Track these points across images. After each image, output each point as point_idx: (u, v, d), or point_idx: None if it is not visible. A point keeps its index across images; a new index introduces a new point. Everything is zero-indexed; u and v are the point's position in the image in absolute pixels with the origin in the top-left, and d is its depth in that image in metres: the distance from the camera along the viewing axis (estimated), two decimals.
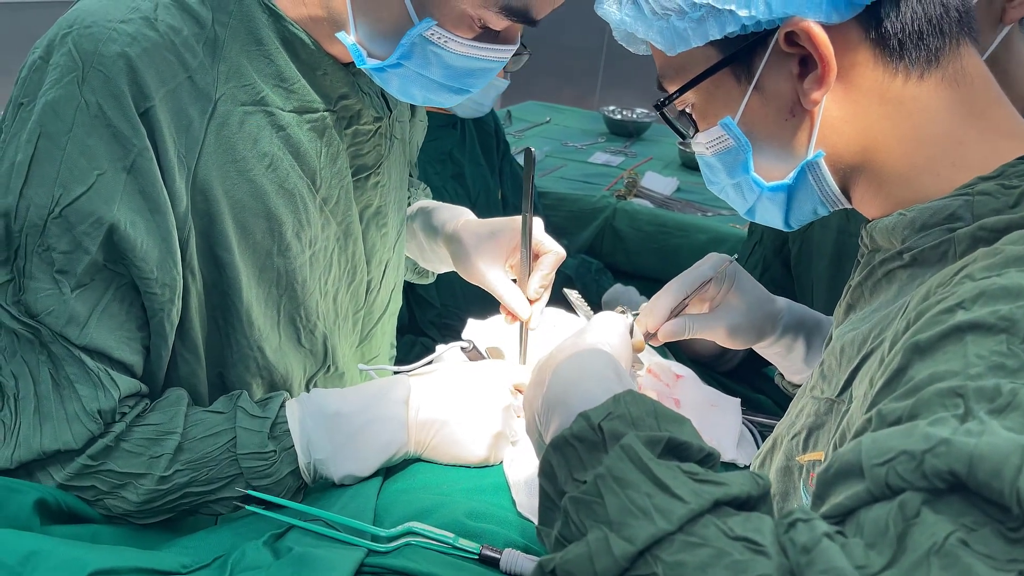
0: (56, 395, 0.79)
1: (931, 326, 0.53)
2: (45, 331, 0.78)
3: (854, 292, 0.74)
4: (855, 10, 0.64)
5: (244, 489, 0.83)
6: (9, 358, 0.79)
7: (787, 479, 0.72)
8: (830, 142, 0.68)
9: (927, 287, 0.60)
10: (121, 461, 0.81)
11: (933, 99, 0.66)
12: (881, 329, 0.65)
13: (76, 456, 0.79)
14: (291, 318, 0.94)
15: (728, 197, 0.79)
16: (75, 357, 0.78)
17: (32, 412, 0.79)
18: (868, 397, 0.57)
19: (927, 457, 0.44)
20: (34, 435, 0.78)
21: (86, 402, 0.79)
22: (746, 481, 0.51)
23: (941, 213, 0.63)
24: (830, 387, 0.69)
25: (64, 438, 0.78)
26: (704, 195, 2.50)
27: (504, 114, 3.07)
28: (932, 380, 0.49)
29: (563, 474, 0.56)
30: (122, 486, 0.81)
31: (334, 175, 0.94)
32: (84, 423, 0.79)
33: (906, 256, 0.67)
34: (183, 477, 0.82)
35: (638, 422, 0.56)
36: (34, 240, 0.76)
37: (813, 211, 0.74)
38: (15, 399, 0.79)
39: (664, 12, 0.70)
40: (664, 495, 0.49)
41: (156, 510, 0.83)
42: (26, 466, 0.79)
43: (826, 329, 0.99)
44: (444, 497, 0.82)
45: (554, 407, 0.65)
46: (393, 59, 0.84)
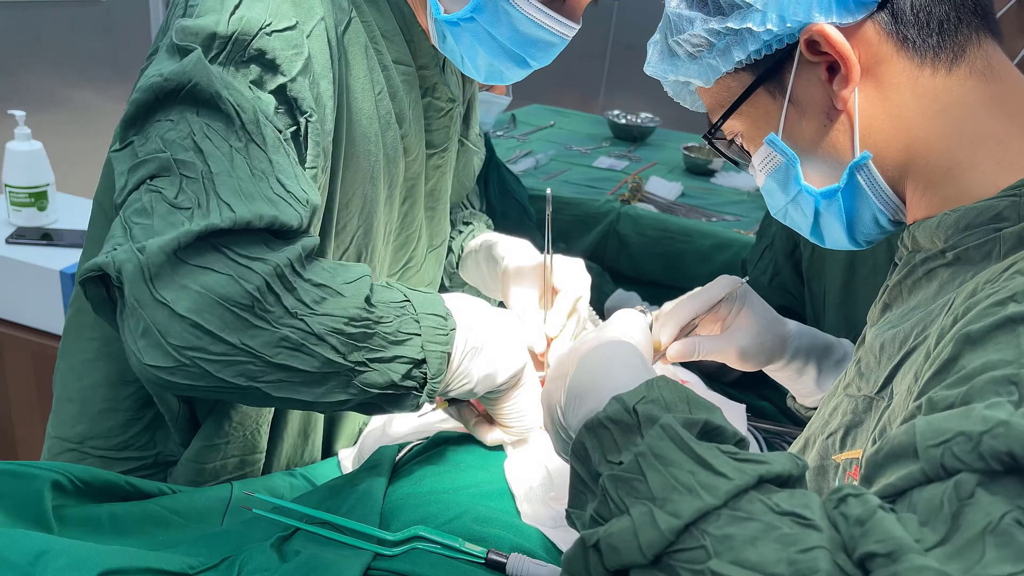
0: (255, 182, 0.73)
1: (982, 318, 0.53)
2: (250, 113, 0.74)
3: (892, 291, 0.75)
4: (867, 8, 0.66)
5: (419, 352, 0.79)
6: (198, 139, 0.73)
7: (821, 478, 0.73)
8: (872, 142, 0.69)
9: (974, 283, 0.60)
10: (319, 275, 0.75)
11: (965, 92, 0.67)
12: (924, 326, 0.65)
13: (289, 237, 0.73)
14: (358, 253, 0.95)
15: (791, 219, 0.80)
16: (282, 146, 0.76)
17: (234, 189, 0.72)
18: (912, 391, 0.58)
19: (985, 438, 0.44)
20: (242, 203, 0.71)
21: (294, 190, 0.74)
22: (786, 460, 0.52)
23: (987, 213, 0.64)
24: (868, 384, 0.69)
25: (278, 213, 0.72)
26: (708, 200, 2.50)
27: (508, 118, 3.07)
28: (985, 368, 0.50)
29: (597, 456, 0.57)
30: (324, 300, 0.75)
31: (416, 129, 0.99)
32: (294, 206, 0.74)
33: (949, 255, 0.67)
34: (378, 311, 0.77)
35: (672, 406, 0.56)
36: (239, 48, 0.75)
37: (874, 220, 0.74)
38: (203, 176, 0.72)
39: (696, 50, 0.74)
40: (707, 472, 0.50)
41: (352, 344, 0.76)
42: (234, 236, 0.71)
43: (837, 352, 1.00)
44: (450, 502, 0.82)
45: (584, 393, 0.66)
46: (467, 11, 0.89)
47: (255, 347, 0.71)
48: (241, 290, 0.70)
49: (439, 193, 1.10)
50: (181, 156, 0.72)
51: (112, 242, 0.72)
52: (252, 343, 0.71)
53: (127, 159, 0.75)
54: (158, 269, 0.68)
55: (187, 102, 0.74)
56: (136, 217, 0.71)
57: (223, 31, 0.75)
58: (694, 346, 0.96)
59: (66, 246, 1.81)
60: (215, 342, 0.70)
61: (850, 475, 0.67)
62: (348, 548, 0.76)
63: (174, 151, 0.72)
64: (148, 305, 0.68)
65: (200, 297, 0.69)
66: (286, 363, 0.73)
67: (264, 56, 0.76)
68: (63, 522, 0.75)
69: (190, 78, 0.73)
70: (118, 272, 0.69)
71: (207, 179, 0.71)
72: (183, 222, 0.70)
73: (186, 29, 0.75)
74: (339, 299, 0.75)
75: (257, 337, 0.71)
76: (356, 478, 0.88)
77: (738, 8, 0.70)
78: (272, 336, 0.72)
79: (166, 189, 0.71)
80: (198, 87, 0.73)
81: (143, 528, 0.81)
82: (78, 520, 0.76)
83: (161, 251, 0.68)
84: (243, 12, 0.76)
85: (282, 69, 0.77)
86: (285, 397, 0.76)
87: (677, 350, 0.96)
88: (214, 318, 0.69)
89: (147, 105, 0.74)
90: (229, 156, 0.73)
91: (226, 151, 0.73)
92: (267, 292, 0.71)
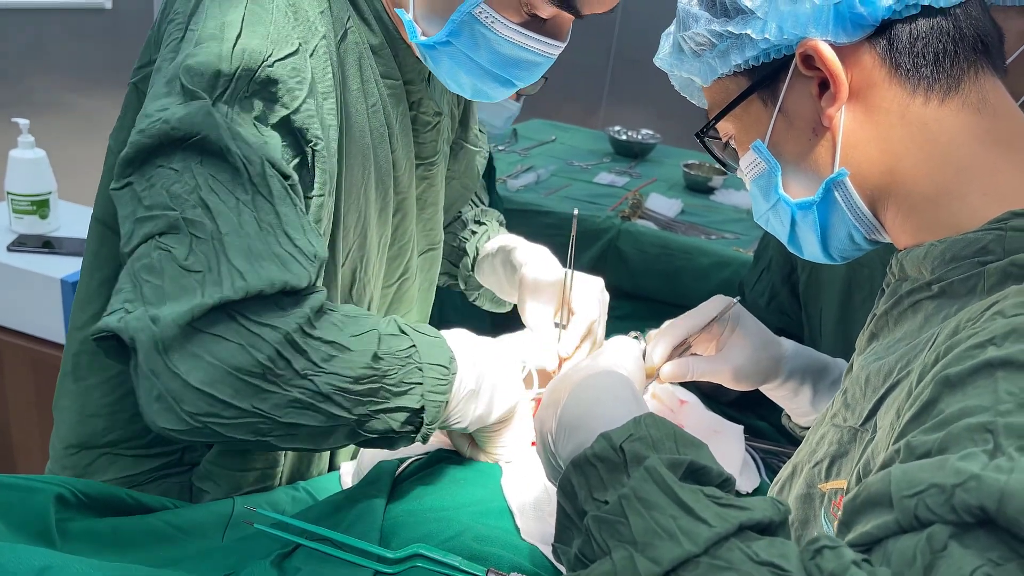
0: (263, 239, 0.73)
1: (962, 360, 0.54)
2: (257, 166, 0.73)
3: (878, 321, 0.75)
4: (864, 31, 0.67)
5: (419, 401, 0.80)
6: (204, 194, 0.72)
7: (807, 506, 0.73)
8: (854, 161, 0.70)
9: (956, 321, 0.60)
10: (329, 332, 0.76)
11: (956, 124, 0.67)
12: (908, 361, 0.65)
13: (299, 299, 0.74)
14: (353, 267, 0.95)
15: (770, 225, 0.81)
16: (288, 196, 0.75)
17: (243, 251, 0.72)
18: (895, 428, 0.58)
19: (957, 491, 0.45)
20: (254, 270, 0.71)
21: (302, 244, 0.74)
22: (768, 507, 0.52)
23: (973, 246, 0.64)
24: (854, 416, 0.70)
25: (286, 275, 0.72)
26: (708, 218, 2.51)
27: (510, 132, 3.08)
28: (962, 415, 0.50)
29: (583, 493, 0.57)
30: (332, 358, 0.75)
31: (404, 143, 0.99)
32: (302, 264, 0.74)
33: (935, 287, 0.68)
34: (384, 365, 0.78)
35: (659, 444, 0.57)
36: (243, 84, 0.74)
37: (849, 236, 0.75)
38: (213, 237, 0.72)
39: (699, 48, 0.75)
40: (689, 518, 0.50)
41: (357, 399, 0.76)
42: (245, 304, 0.71)
43: (833, 372, 1.00)
44: (450, 520, 0.83)
45: (573, 427, 0.66)
46: (443, 35, 0.87)
47: (265, 409, 0.73)
48: (252, 360, 0.71)
49: (429, 202, 1.10)
50: (189, 214, 0.72)
51: (122, 297, 0.72)
52: (263, 406, 0.73)
53: (129, 203, 0.74)
54: (171, 341, 0.69)
55: (192, 150, 0.73)
56: (146, 274, 0.72)
57: (227, 68, 0.73)
58: (687, 366, 0.97)
59: (67, 254, 1.82)
60: (227, 408, 0.71)
61: (835, 504, 0.68)
62: (348, 566, 0.76)
63: (182, 208, 0.72)
64: (162, 374, 0.70)
65: (213, 369, 0.70)
66: (294, 421, 0.75)
67: (268, 89, 0.75)
68: (66, 536, 0.75)
69: (199, 131, 0.72)
70: (131, 340, 0.70)
71: (216, 240, 0.72)
72: (195, 287, 0.70)
73: (192, 70, 0.73)
74: (347, 355, 0.76)
75: (268, 400, 0.73)
76: (356, 494, 0.88)
77: (741, 13, 0.71)
78: (282, 399, 0.73)
79: (176, 248, 0.72)
80: (207, 140, 0.72)
81: (144, 542, 0.81)
82: (80, 534, 0.77)
83: (175, 324, 0.69)
84: (245, 43, 0.74)
85: (284, 101, 0.76)
86: (292, 447, 0.79)
87: (670, 370, 0.97)
88: (226, 387, 0.71)
89: (149, 149, 0.74)
90: (236, 210, 0.73)
91: (233, 205, 0.73)
92: (278, 358, 0.72)
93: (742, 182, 0.83)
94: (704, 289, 1.63)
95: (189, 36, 0.76)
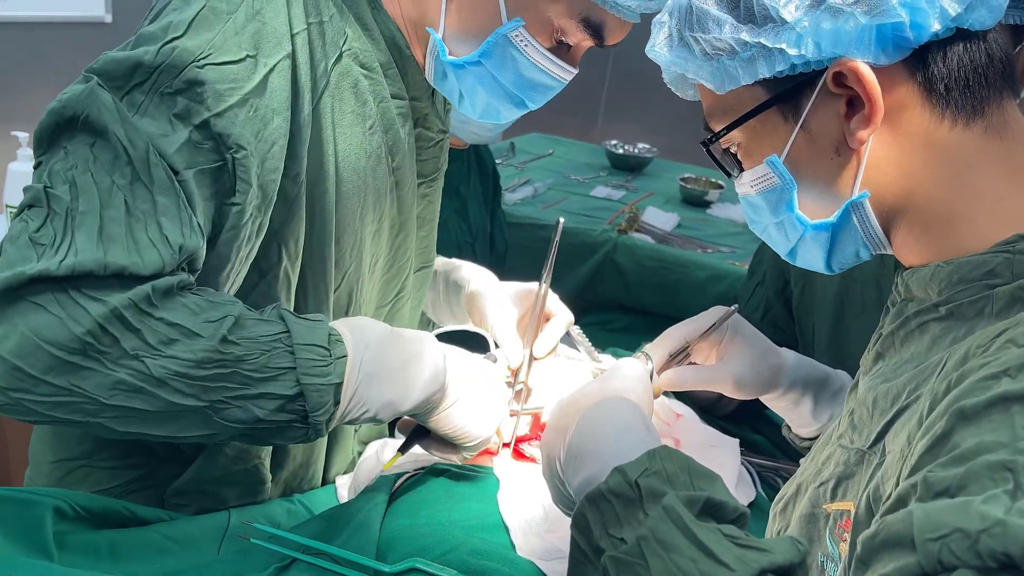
0: (127, 222, 0.72)
1: (976, 392, 0.54)
2: (141, 152, 0.73)
3: (884, 341, 0.75)
4: (903, 53, 0.66)
5: (293, 387, 0.76)
6: (77, 173, 0.73)
7: (812, 526, 0.73)
8: (874, 183, 0.69)
9: (966, 347, 0.60)
10: (176, 314, 0.73)
11: (977, 148, 0.67)
12: (917, 384, 0.65)
13: (138, 284, 0.72)
14: (349, 289, 0.96)
15: (769, 237, 0.80)
16: (172, 187, 0.74)
17: (94, 230, 0.71)
18: (907, 456, 0.58)
19: (983, 537, 0.46)
20: (95, 248, 0.70)
21: (169, 233, 0.74)
22: (787, 548, 0.52)
23: (981, 268, 0.64)
24: (861, 438, 0.70)
25: (132, 259, 0.71)
26: (704, 232, 2.52)
27: (508, 146, 3.09)
28: (979, 451, 0.50)
29: (598, 529, 0.57)
30: (173, 342, 0.72)
31: (407, 163, 1.00)
32: (160, 251, 0.73)
33: (942, 309, 0.67)
34: (239, 349, 0.75)
35: (673, 479, 0.57)
36: (167, 79, 0.75)
37: (855, 253, 0.74)
38: (68, 214, 0.71)
39: (715, 52, 0.71)
40: (710, 561, 0.51)
41: (202, 385, 0.73)
42: (77, 279, 0.70)
43: (834, 384, 1.00)
44: (446, 534, 0.83)
45: (584, 456, 0.66)
46: (475, 56, 0.91)
47: (87, 388, 0.70)
48: (69, 334, 0.69)
49: (427, 219, 1.11)
50: (55, 190, 0.72)
51: None
52: (84, 385, 0.70)
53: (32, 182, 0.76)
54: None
55: (85, 133, 0.74)
56: (6, 244, 0.72)
57: (149, 61, 0.75)
58: (685, 375, 0.97)
59: None
60: (39, 384, 0.69)
61: (840, 525, 0.68)
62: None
63: (53, 184, 0.73)
64: None
65: (24, 340, 0.68)
66: (124, 404, 0.72)
67: (193, 89, 0.75)
68: (63, 548, 0.75)
69: (83, 108, 0.73)
70: None
71: (70, 217, 0.71)
72: (32, 258, 0.70)
73: (112, 59, 0.75)
74: (192, 340, 0.73)
75: (89, 379, 0.70)
76: (352, 508, 0.89)
77: (772, 22, 0.67)
78: (106, 379, 0.70)
79: (32, 220, 0.72)
80: (89, 118, 0.73)
81: (141, 555, 0.81)
82: (77, 546, 0.77)
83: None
84: (180, 43, 0.76)
85: (208, 104, 0.76)
86: (135, 431, 0.74)
87: (668, 378, 0.97)
88: (37, 362, 0.68)
89: (50, 129, 0.75)
90: (108, 192, 0.72)
91: (107, 186, 0.72)
92: (101, 334, 0.70)
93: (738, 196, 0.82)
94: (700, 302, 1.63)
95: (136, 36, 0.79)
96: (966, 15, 0.65)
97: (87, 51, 0.81)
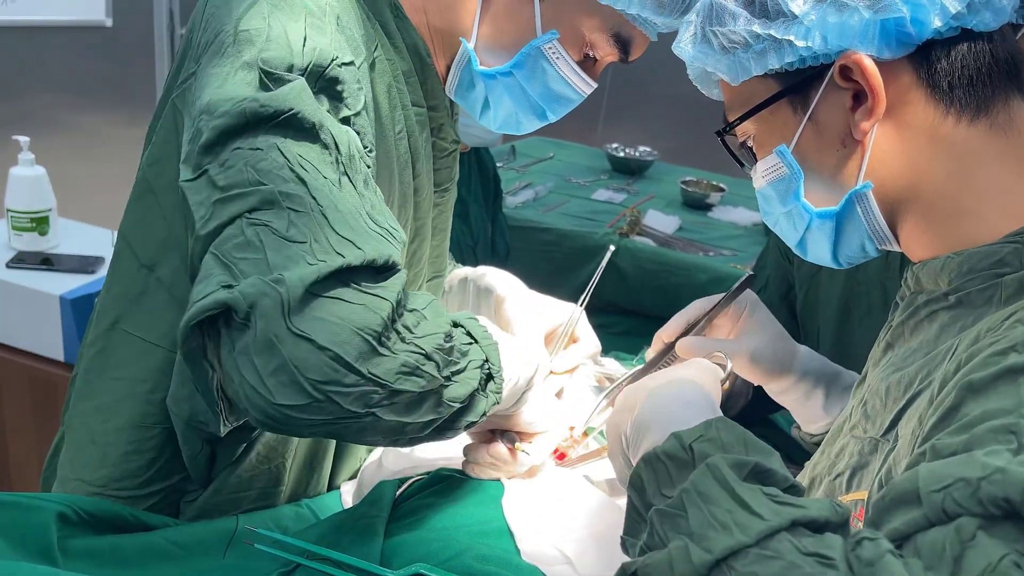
0: (354, 216, 0.72)
1: (984, 367, 0.56)
2: (345, 146, 0.74)
3: (894, 332, 0.77)
4: (906, 49, 0.68)
5: (481, 356, 0.80)
6: (300, 171, 0.71)
7: None
8: (879, 175, 0.71)
9: (976, 331, 0.62)
10: (407, 299, 0.75)
11: (983, 144, 0.68)
12: (928, 371, 0.67)
13: (395, 271, 0.73)
14: None
15: (780, 229, 0.82)
16: (370, 183, 0.76)
17: (344, 224, 0.71)
18: (917, 434, 0.60)
19: (983, 484, 0.48)
20: (363, 240, 0.71)
21: (388, 225, 0.75)
22: (825, 507, 0.54)
23: (990, 258, 0.66)
24: (874, 427, 0.71)
25: (391, 249, 0.72)
26: (705, 234, 2.52)
27: (508, 149, 3.10)
28: (985, 417, 0.52)
29: (652, 488, 0.60)
30: (419, 323, 0.74)
31: (425, 171, 1.01)
32: (391, 242, 0.74)
33: (951, 298, 0.69)
34: (451, 329, 0.78)
35: (728, 447, 0.59)
36: (313, 79, 0.74)
37: (861, 246, 0.76)
38: (312, 210, 0.70)
39: (732, 46, 0.75)
40: (744, 512, 0.52)
41: (447, 359, 0.76)
42: (357, 272, 0.70)
43: (845, 379, 1.01)
44: (451, 539, 0.83)
45: (647, 427, 0.69)
46: (507, 66, 0.93)
47: (379, 374, 0.70)
48: (377, 318, 0.69)
49: (440, 228, 1.12)
50: (284, 188, 0.70)
51: (213, 280, 0.68)
52: (377, 371, 0.70)
53: (204, 189, 0.72)
54: (296, 303, 0.66)
55: (276, 129, 0.71)
56: (239, 252, 0.69)
57: (299, 63, 0.74)
58: (701, 343, 0.98)
59: (66, 271, 1.82)
60: (349, 373, 0.68)
61: (855, 515, 0.68)
62: None
63: (275, 183, 0.70)
64: (286, 340, 0.66)
65: (339, 328, 0.67)
66: (402, 387, 0.72)
67: (334, 87, 0.76)
68: (67, 554, 0.75)
69: (291, 105, 0.71)
70: (250, 307, 0.66)
71: (316, 212, 0.70)
72: (302, 256, 0.68)
73: (268, 63, 0.74)
74: (428, 321, 0.76)
75: (381, 364, 0.70)
76: (357, 513, 0.88)
77: (783, 16, 0.71)
78: (393, 362, 0.71)
79: (273, 222, 0.69)
80: (299, 115, 0.71)
81: (145, 560, 0.81)
82: (81, 552, 0.77)
83: (301, 284, 0.66)
84: (314, 43, 0.76)
85: (348, 103, 0.77)
86: (390, 420, 0.74)
87: (686, 344, 0.98)
88: (351, 348, 0.68)
89: (231, 131, 0.72)
90: (327, 187, 0.71)
91: (323, 182, 0.71)
92: (390, 320, 0.71)
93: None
94: None
95: (245, 37, 0.75)
96: (970, 16, 0.66)
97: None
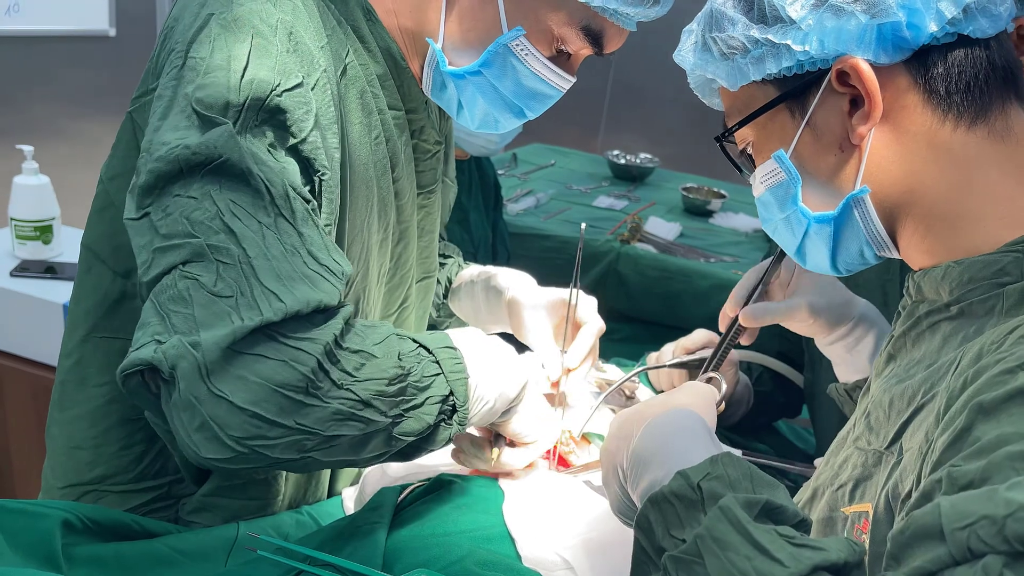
0: (289, 260, 0.73)
1: (993, 386, 0.55)
2: (279, 188, 0.74)
3: (896, 343, 0.76)
4: (903, 54, 0.68)
5: (445, 387, 0.81)
6: (228, 219, 0.72)
7: (830, 529, 0.74)
8: (876, 180, 0.71)
9: (980, 344, 0.62)
10: (353, 340, 0.76)
11: (981, 151, 0.68)
12: (932, 384, 0.67)
13: (331, 317, 0.74)
14: (356, 297, 0.96)
15: (779, 236, 0.82)
16: (310, 217, 0.76)
17: (272, 273, 0.72)
18: (927, 453, 0.59)
19: (1008, 522, 0.47)
20: (286, 290, 0.71)
21: (328, 263, 0.75)
22: (843, 547, 0.53)
23: (991, 267, 0.66)
24: (878, 439, 0.71)
25: (319, 294, 0.73)
26: (706, 241, 2.52)
27: (510, 156, 3.10)
28: (1000, 442, 0.52)
29: (660, 530, 0.59)
30: (362, 366, 0.75)
31: (407, 172, 1.01)
32: (331, 281, 0.74)
33: (953, 308, 0.69)
34: (406, 363, 0.79)
35: (735, 484, 0.58)
36: (252, 113, 0.74)
37: (860, 253, 0.76)
38: (240, 262, 0.71)
39: (730, 51, 0.75)
40: (764, 558, 0.52)
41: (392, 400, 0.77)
42: (284, 324, 0.71)
43: None
44: (452, 545, 0.83)
45: (648, 460, 0.68)
46: (475, 65, 0.92)
47: (309, 424, 0.72)
48: (297, 374, 0.71)
49: (427, 230, 1.12)
50: (213, 240, 0.71)
51: (150, 331, 0.71)
52: (306, 421, 0.72)
53: (147, 233, 0.74)
54: (214, 365, 0.68)
55: (210, 176, 0.73)
56: (173, 305, 0.71)
57: (235, 99, 0.74)
58: (764, 309, 1.00)
59: (70, 280, 1.82)
60: (273, 427, 0.70)
61: (858, 528, 0.68)
62: None
63: (205, 235, 0.71)
64: (205, 400, 0.68)
65: (258, 387, 0.69)
66: (336, 432, 0.74)
67: (276, 118, 0.75)
68: (71, 561, 0.75)
69: (220, 153, 0.72)
70: (171, 368, 0.68)
71: (244, 264, 0.71)
72: (228, 312, 0.70)
73: (202, 102, 0.74)
74: (375, 361, 0.77)
75: (310, 415, 0.72)
76: (359, 520, 0.89)
77: (781, 22, 0.71)
78: (324, 411, 0.73)
79: (202, 276, 0.71)
80: (228, 163, 0.72)
81: (148, 567, 0.81)
82: (85, 559, 0.77)
83: (217, 347, 0.68)
84: (252, 74, 0.75)
85: (293, 131, 0.76)
86: (332, 460, 0.78)
87: (749, 313, 1.00)
88: (271, 405, 0.70)
89: (167, 176, 0.73)
90: (260, 234, 0.72)
91: (256, 229, 0.72)
92: (319, 371, 0.72)
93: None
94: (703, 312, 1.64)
95: (191, 64, 0.76)
96: (966, 23, 0.67)
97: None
